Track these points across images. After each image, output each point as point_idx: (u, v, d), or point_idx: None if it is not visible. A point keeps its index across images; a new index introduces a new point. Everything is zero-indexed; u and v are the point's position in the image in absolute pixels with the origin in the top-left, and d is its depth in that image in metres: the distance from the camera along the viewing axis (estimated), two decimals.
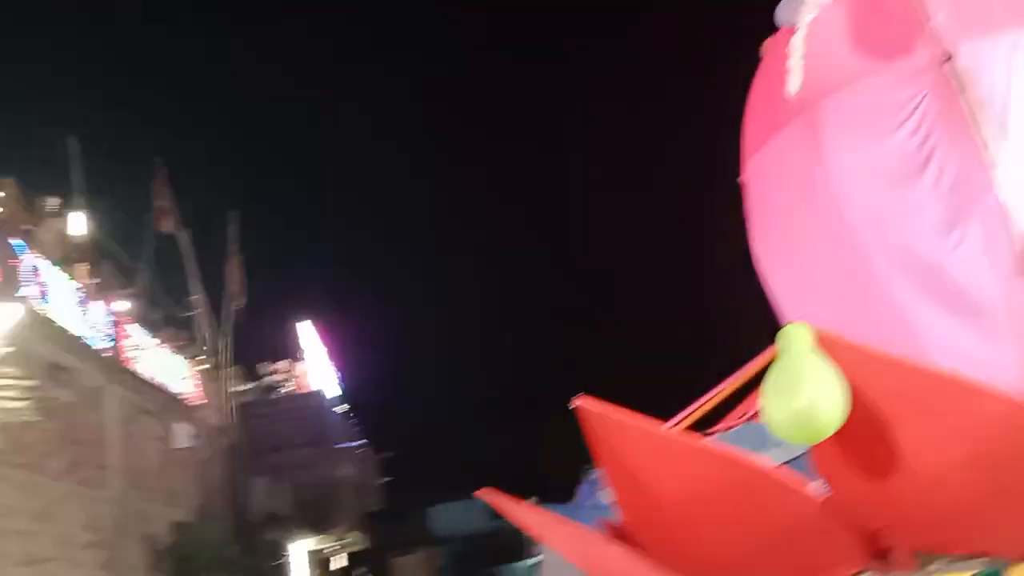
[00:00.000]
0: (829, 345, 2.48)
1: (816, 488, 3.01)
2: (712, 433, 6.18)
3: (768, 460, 3.18)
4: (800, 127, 4.30)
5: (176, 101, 51.28)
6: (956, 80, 3.81)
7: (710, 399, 6.19)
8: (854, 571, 3.10)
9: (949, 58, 3.83)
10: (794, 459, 3.63)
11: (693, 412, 6.09)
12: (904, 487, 2.71)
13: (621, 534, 3.59)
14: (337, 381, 26.48)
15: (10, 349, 8.40)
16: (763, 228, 4.74)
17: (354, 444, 26.83)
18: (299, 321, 25.88)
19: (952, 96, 3.80)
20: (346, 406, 26.86)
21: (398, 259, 57.50)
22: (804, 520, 2.94)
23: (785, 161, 4.44)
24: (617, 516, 3.65)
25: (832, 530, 2.96)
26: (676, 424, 5.75)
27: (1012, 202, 3.68)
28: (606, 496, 4.89)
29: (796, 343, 2.50)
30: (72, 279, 13.19)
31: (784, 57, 4.33)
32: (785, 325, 2.62)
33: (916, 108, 3.85)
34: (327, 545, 24.88)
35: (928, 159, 3.81)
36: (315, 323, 26.26)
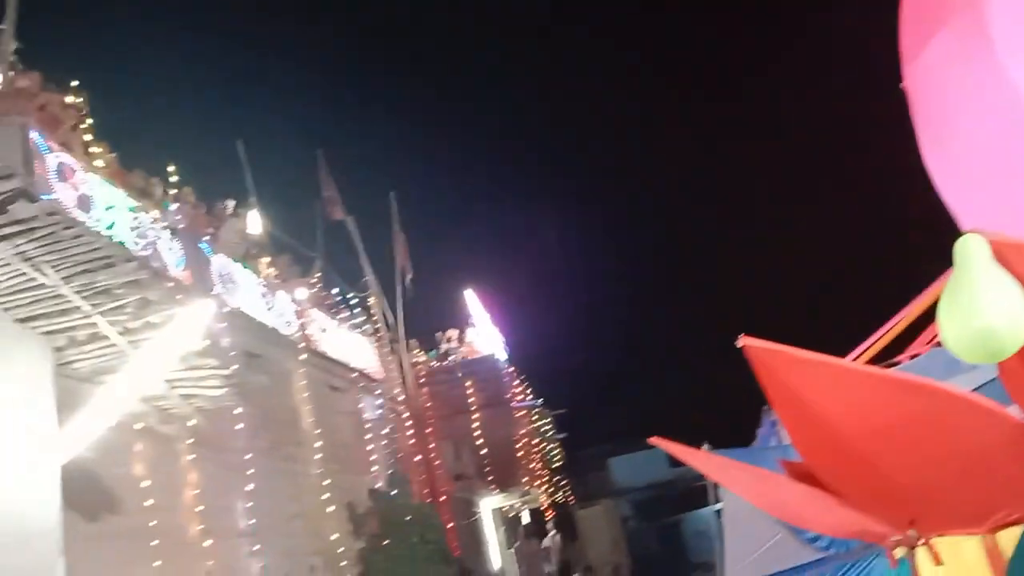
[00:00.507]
0: (1008, 252, 2.24)
1: (1014, 412, 2.77)
2: (896, 363, 5.85)
3: (958, 386, 2.95)
4: (966, 20, 3.91)
5: (331, 97, 53.64)
6: None
7: (891, 328, 5.84)
8: None
9: None
10: (986, 383, 3.37)
11: (874, 343, 5.78)
12: None
13: (802, 473, 3.46)
14: (503, 345, 27.09)
15: (207, 342, 9.16)
16: (932, 137, 4.36)
17: (529, 403, 27.44)
18: (464, 289, 26.64)
19: None
20: (516, 368, 27.46)
21: (556, 216, 57.82)
22: (1004, 445, 2.71)
23: (951, 61, 4.05)
24: (797, 455, 3.51)
25: None
26: (856, 357, 5.47)
27: None
28: (787, 436, 4.73)
29: (971, 255, 2.28)
30: (255, 273, 14.18)
31: None
32: (960, 237, 2.40)
33: None
34: (512, 502, 25.69)
35: None
36: (479, 290, 26.95)
